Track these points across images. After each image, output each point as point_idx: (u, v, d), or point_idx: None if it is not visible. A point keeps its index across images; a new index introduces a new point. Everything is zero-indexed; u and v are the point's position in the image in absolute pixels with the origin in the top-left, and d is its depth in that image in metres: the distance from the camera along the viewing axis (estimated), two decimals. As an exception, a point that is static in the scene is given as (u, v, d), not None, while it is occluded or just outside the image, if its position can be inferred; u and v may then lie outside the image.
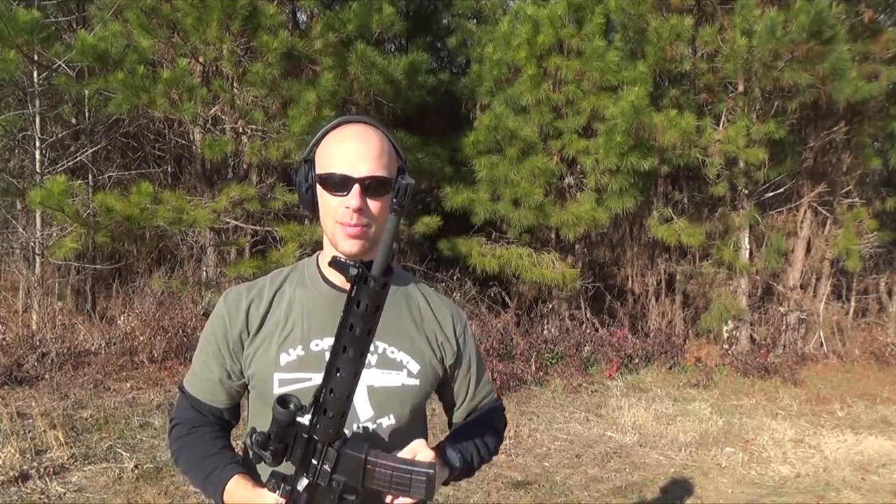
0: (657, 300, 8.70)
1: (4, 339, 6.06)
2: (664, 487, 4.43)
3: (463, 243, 7.75)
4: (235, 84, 6.48)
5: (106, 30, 5.91)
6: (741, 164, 7.71)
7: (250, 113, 6.33)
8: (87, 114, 7.74)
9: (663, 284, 8.76)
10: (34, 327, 6.48)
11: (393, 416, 1.31)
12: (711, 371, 7.31)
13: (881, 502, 4.32)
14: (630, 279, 8.95)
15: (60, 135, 7.54)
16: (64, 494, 3.73)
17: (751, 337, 8.18)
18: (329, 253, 1.31)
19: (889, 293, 9.42)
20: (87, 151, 7.34)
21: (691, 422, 5.72)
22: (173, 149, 8.64)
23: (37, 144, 7.02)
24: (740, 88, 7.62)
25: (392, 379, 1.31)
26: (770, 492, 4.42)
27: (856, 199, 8.58)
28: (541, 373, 6.87)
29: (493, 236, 7.91)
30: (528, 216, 7.31)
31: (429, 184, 8.11)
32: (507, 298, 8.17)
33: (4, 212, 8.15)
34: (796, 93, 7.29)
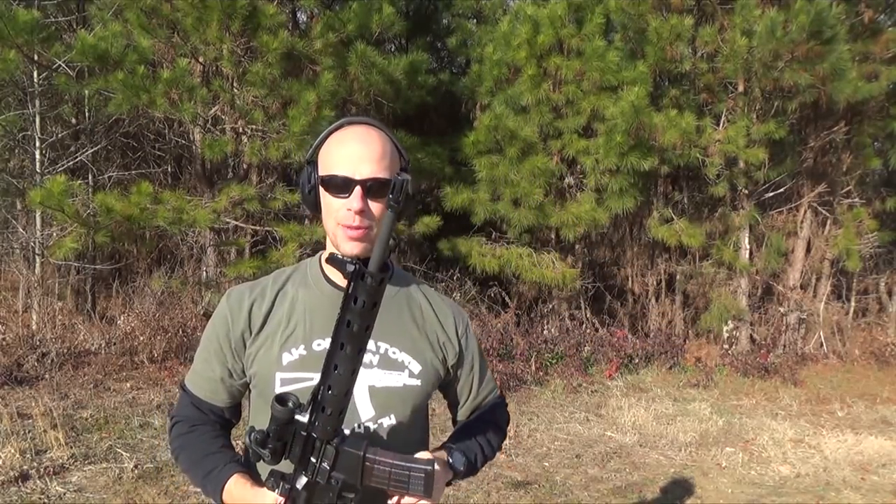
0: (657, 300, 8.70)
1: (4, 339, 6.06)
2: (664, 487, 4.43)
3: (463, 243, 7.75)
4: (235, 84, 6.48)
5: (106, 30, 5.92)
6: (741, 164, 7.70)
7: (250, 113, 6.34)
8: (87, 114, 7.74)
9: (663, 284, 8.76)
10: (34, 327, 6.48)
11: (394, 416, 1.31)
12: (711, 371, 7.30)
13: (881, 502, 4.32)
14: (630, 279, 8.95)
15: (60, 135, 7.54)
16: (64, 494, 3.73)
17: (751, 337, 8.18)
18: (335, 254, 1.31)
19: (889, 293, 9.42)
20: (87, 151, 7.34)
21: (691, 422, 5.71)
22: (173, 149, 8.64)
23: (37, 144, 7.02)
24: (740, 88, 7.62)
25: (393, 379, 1.31)
26: (770, 492, 4.41)
27: (856, 199, 8.57)
28: (541, 373, 6.87)
29: (493, 236, 7.91)
30: (528, 216, 7.31)
31: (429, 184, 8.11)
32: (507, 298, 8.17)
33: (4, 212, 8.15)
34: (796, 93, 7.29)
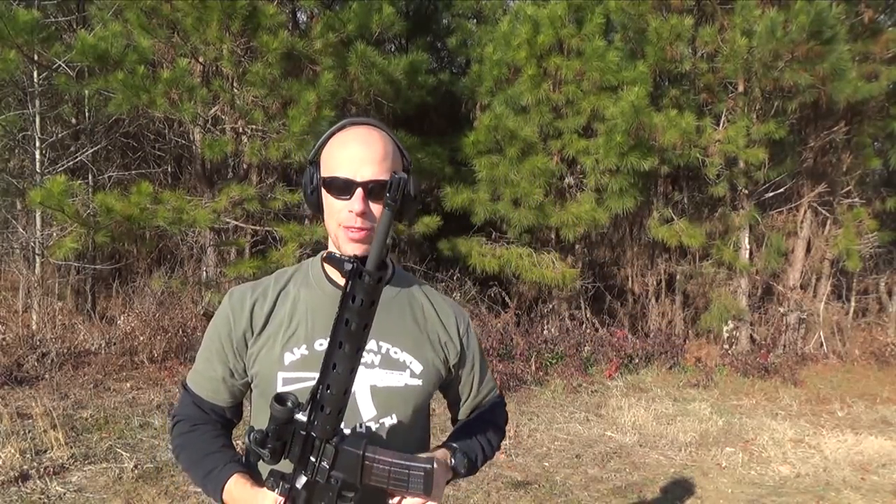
0: (657, 300, 8.70)
1: (4, 339, 6.06)
2: (664, 487, 4.43)
3: (463, 243, 7.75)
4: (235, 84, 6.48)
5: (106, 30, 5.92)
6: (741, 164, 7.70)
7: (250, 113, 6.34)
8: (87, 114, 7.74)
9: (663, 284, 8.76)
10: (34, 327, 6.48)
11: (396, 416, 1.31)
12: (711, 371, 7.30)
13: (881, 502, 4.31)
14: (630, 279, 8.95)
15: (60, 135, 7.53)
16: (64, 494, 3.73)
17: (751, 337, 8.18)
18: (336, 254, 1.31)
19: (889, 293, 9.42)
20: (87, 151, 7.34)
21: (691, 422, 5.71)
22: (173, 149, 8.64)
23: (37, 144, 7.02)
24: (740, 88, 7.62)
25: (395, 379, 1.31)
26: (770, 492, 4.41)
27: (856, 199, 8.57)
28: (541, 373, 6.87)
29: (493, 236, 7.91)
30: (528, 216, 7.31)
31: (429, 184, 8.11)
32: (507, 298, 8.16)
33: (4, 212, 8.15)
34: (796, 93, 7.29)
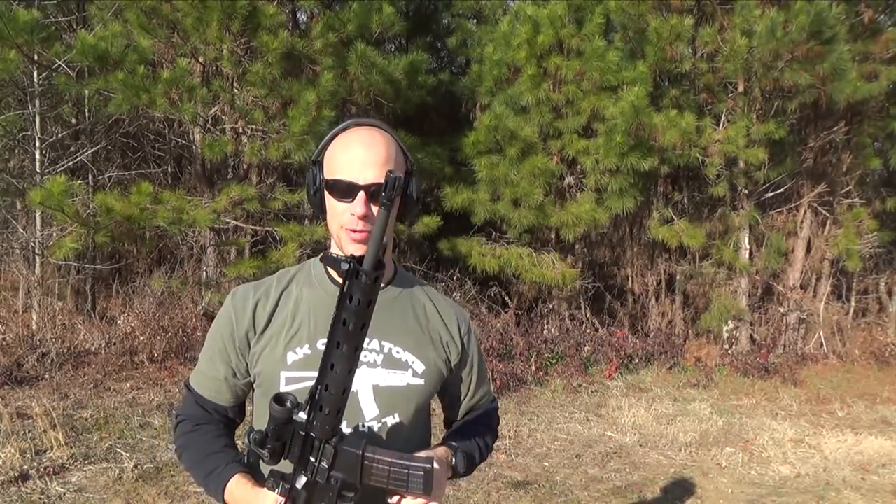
0: (657, 300, 8.70)
1: (4, 339, 6.06)
2: (664, 487, 4.43)
3: (463, 243, 7.75)
4: (235, 84, 6.48)
5: (106, 30, 5.91)
6: (741, 164, 7.70)
7: (250, 113, 6.34)
8: (87, 114, 7.74)
9: (663, 284, 8.75)
10: (34, 327, 6.48)
11: (398, 416, 1.31)
12: (711, 371, 7.30)
13: (881, 502, 4.31)
14: (630, 279, 8.95)
15: (60, 135, 7.53)
16: (64, 494, 3.73)
17: (751, 337, 8.18)
18: (337, 254, 1.31)
19: (889, 293, 9.42)
20: (87, 151, 7.34)
21: (691, 422, 5.71)
22: (173, 149, 8.64)
23: (37, 144, 7.02)
24: (740, 88, 7.61)
25: (397, 378, 1.31)
26: (770, 492, 4.41)
27: (856, 199, 8.57)
28: (541, 373, 6.87)
29: (493, 236, 7.91)
30: (528, 216, 7.31)
31: (429, 184, 8.11)
32: (507, 298, 8.16)
33: (4, 212, 8.15)
34: (796, 93, 7.29)
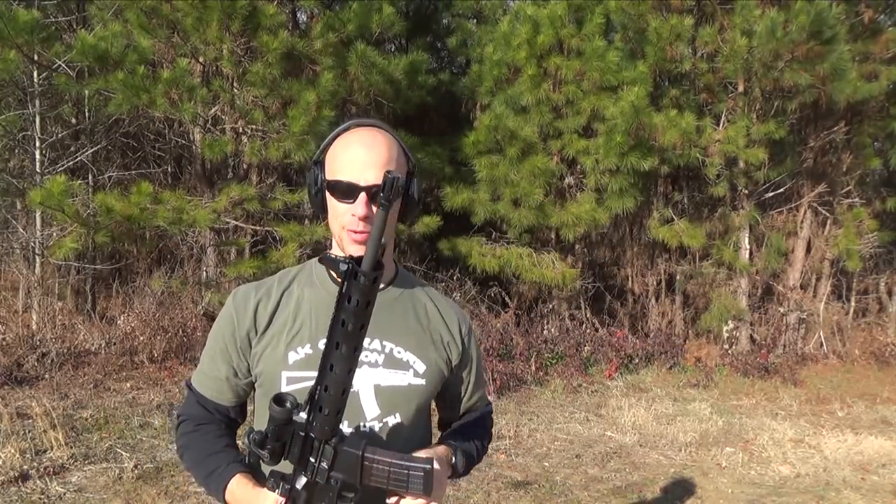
0: (657, 300, 8.70)
1: (4, 339, 6.06)
2: (664, 487, 4.43)
3: (463, 243, 7.75)
4: (235, 84, 6.48)
5: (106, 30, 5.91)
6: (741, 164, 7.70)
7: (250, 113, 6.34)
8: (87, 114, 7.74)
9: (663, 284, 8.75)
10: (34, 327, 6.48)
11: (399, 415, 1.32)
12: (711, 371, 7.30)
13: (881, 502, 4.32)
14: (630, 279, 8.94)
15: (60, 135, 7.53)
16: (64, 494, 3.73)
17: (751, 337, 8.18)
18: (336, 254, 1.31)
19: (889, 293, 9.41)
20: (87, 151, 7.34)
21: (691, 422, 5.71)
22: (173, 149, 8.64)
23: (37, 144, 7.02)
24: (740, 88, 7.61)
25: (399, 378, 1.32)
26: (770, 492, 4.41)
27: (856, 199, 8.57)
28: (541, 373, 6.87)
29: (493, 236, 7.91)
30: (528, 216, 7.31)
31: (429, 184, 8.11)
32: (507, 298, 8.16)
33: (4, 212, 8.15)
34: (796, 93, 7.29)
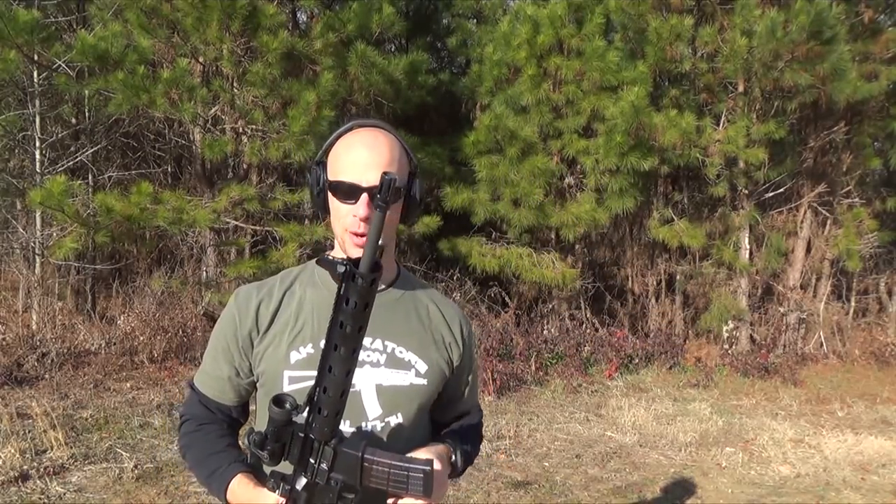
0: (657, 300, 8.70)
1: (4, 339, 6.06)
2: (664, 487, 4.43)
3: (463, 243, 7.75)
4: (235, 84, 6.48)
5: (106, 30, 5.91)
6: (741, 164, 7.70)
7: (250, 113, 6.34)
8: (87, 114, 7.74)
9: (663, 284, 8.75)
10: (34, 327, 6.48)
11: (401, 415, 1.32)
12: (711, 371, 7.30)
13: (881, 502, 4.32)
14: (630, 279, 8.95)
15: (60, 135, 7.54)
16: (64, 494, 3.73)
17: (751, 337, 8.18)
18: (338, 254, 1.31)
19: (889, 293, 9.41)
20: (87, 151, 7.34)
21: (691, 422, 5.71)
22: (173, 149, 8.64)
23: (37, 144, 7.03)
24: (740, 88, 7.61)
25: (400, 378, 1.32)
26: (770, 492, 4.41)
27: (856, 199, 8.57)
28: (541, 373, 6.87)
29: (493, 236, 7.91)
30: (528, 216, 7.31)
31: (429, 184, 8.11)
32: (507, 298, 8.16)
33: (4, 212, 8.15)
34: (796, 93, 7.29)
